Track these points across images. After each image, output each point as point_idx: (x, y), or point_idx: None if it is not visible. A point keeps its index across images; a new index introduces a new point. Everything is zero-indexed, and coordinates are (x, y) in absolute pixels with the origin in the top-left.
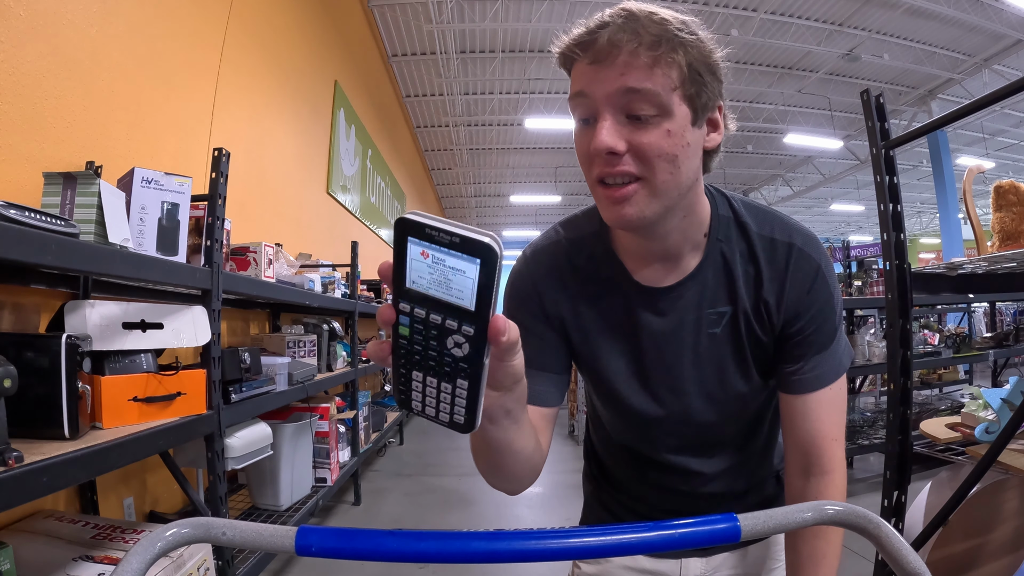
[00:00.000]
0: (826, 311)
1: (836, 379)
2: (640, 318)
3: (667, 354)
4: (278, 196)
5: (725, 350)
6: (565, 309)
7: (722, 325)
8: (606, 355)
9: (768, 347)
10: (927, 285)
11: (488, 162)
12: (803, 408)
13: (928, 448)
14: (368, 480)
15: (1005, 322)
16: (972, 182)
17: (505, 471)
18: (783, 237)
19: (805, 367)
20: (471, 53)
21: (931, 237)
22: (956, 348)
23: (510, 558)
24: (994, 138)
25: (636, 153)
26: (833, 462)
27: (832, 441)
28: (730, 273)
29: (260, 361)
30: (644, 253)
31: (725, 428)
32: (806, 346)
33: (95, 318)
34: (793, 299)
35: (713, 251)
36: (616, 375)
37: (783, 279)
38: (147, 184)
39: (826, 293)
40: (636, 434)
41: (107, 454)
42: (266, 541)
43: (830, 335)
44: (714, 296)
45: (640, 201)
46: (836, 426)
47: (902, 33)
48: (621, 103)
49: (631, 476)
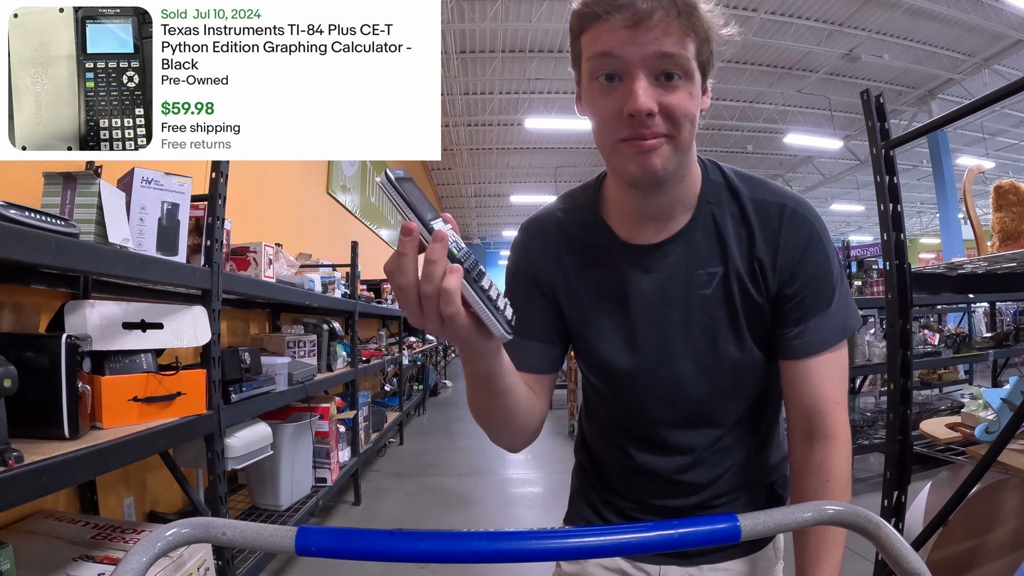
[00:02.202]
0: (823, 272)
1: (838, 342)
2: (628, 278)
3: (655, 313)
4: (278, 196)
5: (717, 312)
6: (556, 278)
7: (713, 286)
8: (596, 319)
9: (764, 309)
10: (927, 285)
11: (488, 162)
12: (805, 372)
13: (928, 448)
14: (368, 480)
15: (1005, 322)
16: (972, 182)
17: (503, 423)
18: (775, 199)
19: (806, 329)
20: (471, 53)
21: (931, 237)
22: (956, 348)
23: (510, 558)
24: (994, 138)
25: (666, 114)
26: (836, 426)
27: (835, 405)
28: (720, 235)
29: (260, 361)
30: (637, 215)
31: (718, 403)
32: (804, 308)
33: (95, 318)
34: (788, 259)
35: (703, 213)
36: (605, 338)
37: (776, 239)
38: (147, 184)
39: (822, 253)
40: (627, 407)
41: (107, 454)
42: (266, 541)
43: (828, 296)
44: (704, 257)
45: (665, 154)
46: (839, 390)
47: (902, 33)
48: (656, 66)
49: (620, 463)
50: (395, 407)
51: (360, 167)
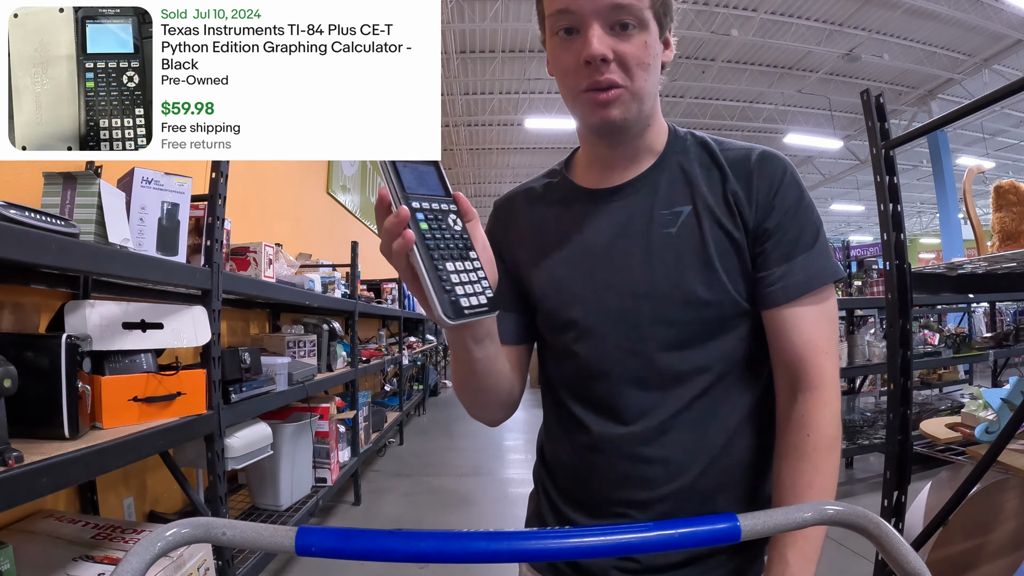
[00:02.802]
0: (802, 210)
1: (823, 284)
2: (584, 220)
3: (614, 251)
4: (278, 196)
5: (683, 248)
6: (515, 242)
7: (679, 224)
8: (550, 266)
9: (740, 245)
10: (927, 285)
11: (488, 162)
12: (790, 319)
13: (928, 448)
14: (368, 480)
15: (1005, 322)
16: (972, 182)
17: (487, 396)
18: (746, 148)
19: (791, 269)
20: (471, 53)
21: (931, 237)
22: (956, 348)
23: (510, 558)
24: (994, 138)
25: (620, 62)
26: (823, 376)
27: (822, 353)
28: (687, 177)
29: (260, 361)
30: (601, 164)
31: (686, 354)
32: (787, 244)
33: (95, 318)
34: (764, 191)
35: (668, 161)
36: (562, 283)
37: (750, 176)
38: (147, 184)
39: (798, 191)
40: (585, 365)
41: (107, 454)
42: (266, 541)
43: (812, 235)
44: (668, 197)
45: (623, 104)
46: (826, 339)
47: (902, 33)
48: (609, 16)
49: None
50: (395, 407)
51: (360, 167)
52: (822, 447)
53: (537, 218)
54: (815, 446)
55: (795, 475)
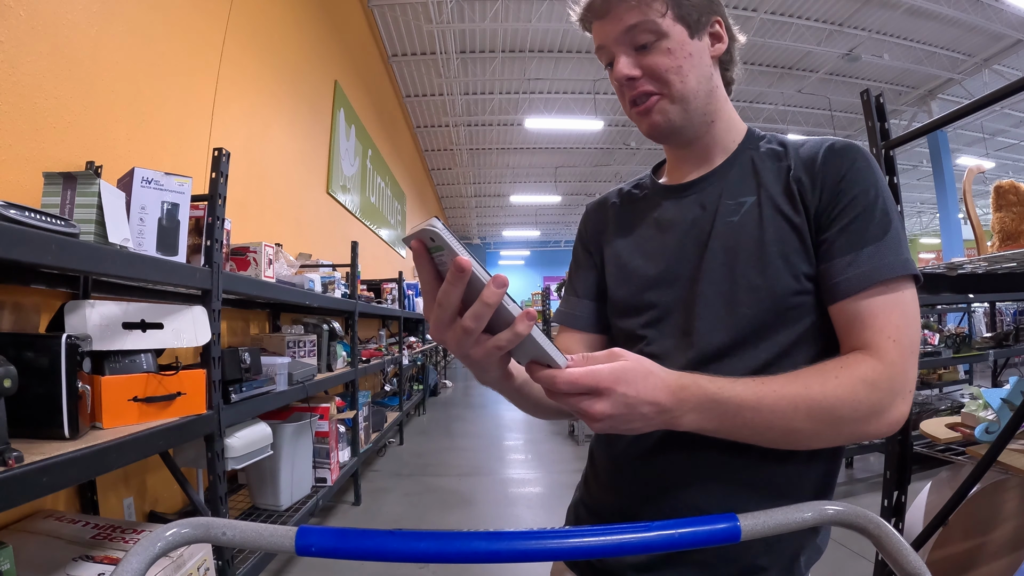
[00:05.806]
0: (873, 194)
1: (900, 274)
2: (663, 214)
3: (685, 242)
4: (278, 196)
5: (741, 236)
6: (602, 236)
7: (741, 213)
8: (631, 258)
9: (801, 230)
10: (927, 285)
11: (488, 162)
12: (857, 313)
13: (928, 448)
14: (368, 480)
15: (1005, 322)
16: (972, 182)
17: (524, 405)
18: (820, 140)
19: (858, 259)
20: (471, 53)
21: (931, 237)
22: (956, 348)
23: (510, 558)
24: (994, 138)
25: (651, 74)
26: (886, 357)
27: (889, 339)
28: (756, 170)
29: (260, 361)
30: (680, 163)
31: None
32: (854, 234)
33: (95, 318)
34: (830, 179)
35: (742, 156)
36: (639, 274)
37: (815, 164)
38: (147, 184)
39: (868, 179)
40: (647, 348)
41: (107, 454)
42: (266, 541)
43: (884, 224)
44: (735, 190)
45: (663, 109)
46: (896, 327)
47: (902, 33)
48: (626, 40)
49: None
50: (395, 407)
51: (360, 167)
52: (842, 383)
53: (624, 213)
54: (837, 374)
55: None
